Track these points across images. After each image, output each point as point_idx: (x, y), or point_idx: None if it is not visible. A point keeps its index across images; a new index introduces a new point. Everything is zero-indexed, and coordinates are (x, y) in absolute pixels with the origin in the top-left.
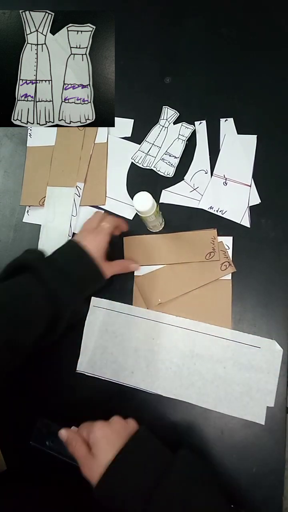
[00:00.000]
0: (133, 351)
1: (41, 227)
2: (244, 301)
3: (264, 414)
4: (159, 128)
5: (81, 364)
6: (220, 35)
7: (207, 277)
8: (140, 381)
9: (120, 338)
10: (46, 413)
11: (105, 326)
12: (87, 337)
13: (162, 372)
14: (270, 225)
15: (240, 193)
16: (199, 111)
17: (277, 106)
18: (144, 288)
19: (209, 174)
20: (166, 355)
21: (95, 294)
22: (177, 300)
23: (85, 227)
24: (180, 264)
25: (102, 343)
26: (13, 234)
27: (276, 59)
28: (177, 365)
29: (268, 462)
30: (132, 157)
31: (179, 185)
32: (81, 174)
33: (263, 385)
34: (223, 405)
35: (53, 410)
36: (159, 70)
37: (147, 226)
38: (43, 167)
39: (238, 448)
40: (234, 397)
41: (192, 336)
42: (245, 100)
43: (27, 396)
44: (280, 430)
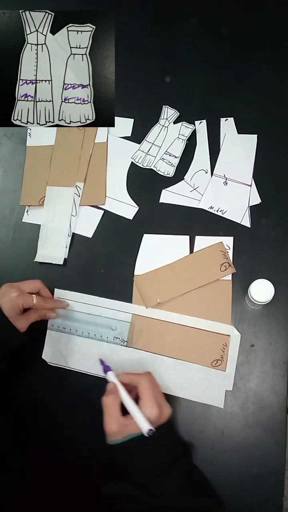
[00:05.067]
0: (97, 341)
1: (40, 227)
2: (244, 301)
3: (223, 398)
4: (159, 127)
5: (46, 354)
6: (220, 35)
7: (207, 277)
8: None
9: (84, 328)
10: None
11: (69, 316)
12: (51, 328)
13: (126, 359)
14: (271, 225)
15: (241, 193)
16: (199, 111)
17: (277, 106)
18: (143, 287)
19: (209, 174)
20: (129, 343)
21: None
22: (177, 300)
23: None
24: (180, 264)
25: (66, 334)
26: (12, 234)
27: (276, 59)
28: (139, 352)
29: (268, 462)
30: (132, 157)
31: (179, 185)
32: (80, 173)
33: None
34: (184, 390)
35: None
36: (159, 70)
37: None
38: (43, 166)
39: (239, 449)
40: (194, 382)
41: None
42: (245, 100)
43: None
44: (280, 431)
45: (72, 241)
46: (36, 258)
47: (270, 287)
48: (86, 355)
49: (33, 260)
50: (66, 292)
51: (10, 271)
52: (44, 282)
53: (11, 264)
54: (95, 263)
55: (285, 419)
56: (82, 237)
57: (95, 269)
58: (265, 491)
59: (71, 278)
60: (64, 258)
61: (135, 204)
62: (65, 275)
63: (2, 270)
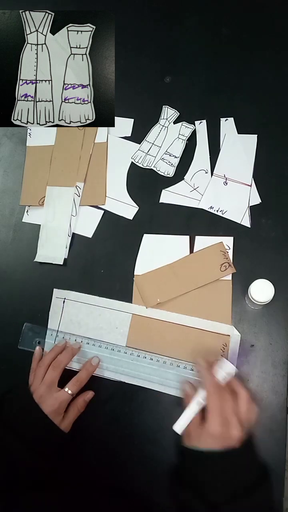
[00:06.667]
0: (97, 340)
1: (40, 227)
2: (244, 301)
3: None
4: (159, 127)
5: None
6: (220, 35)
7: (207, 277)
8: (104, 370)
9: (84, 328)
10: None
11: (69, 316)
12: (51, 328)
13: (125, 359)
14: (271, 225)
15: (241, 193)
16: (199, 111)
17: (277, 106)
18: (143, 287)
19: (209, 174)
20: (129, 343)
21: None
22: (177, 300)
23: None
24: (180, 264)
25: (66, 333)
26: (12, 234)
27: (276, 59)
28: (139, 352)
29: (268, 462)
30: (132, 157)
31: (179, 185)
32: (81, 173)
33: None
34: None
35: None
36: (159, 70)
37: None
38: (43, 167)
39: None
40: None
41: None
42: (245, 100)
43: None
44: (280, 431)
45: (72, 241)
46: (36, 258)
47: (270, 287)
48: (86, 355)
49: (33, 260)
50: (66, 292)
51: (10, 271)
52: (44, 282)
53: (11, 264)
54: (95, 263)
55: (285, 419)
56: (82, 237)
57: (95, 269)
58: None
59: (71, 278)
60: (64, 258)
61: (135, 204)
62: (65, 275)
63: (2, 270)
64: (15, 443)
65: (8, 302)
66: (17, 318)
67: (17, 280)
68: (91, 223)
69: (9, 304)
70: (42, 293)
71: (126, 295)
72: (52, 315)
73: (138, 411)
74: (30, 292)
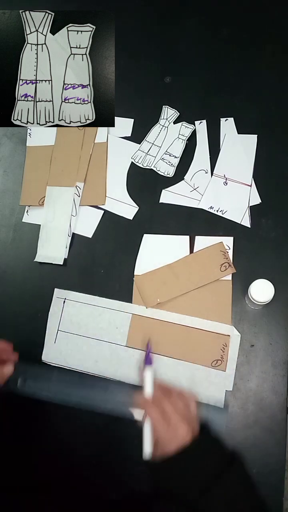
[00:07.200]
0: (97, 340)
1: (40, 227)
2: (244, 301)
3: (223, 398)
4: (159, 127)
5: (47, 355)
6: (220, 35)
7: (207, 277)
8: (104, 370)
9: (84, 328)
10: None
11: (69, 317)
12: (51, 328)
13: (125, 359)
14: (271, 225)
15: (241, 193)
16: (199, 111)
17: (277, 106)
18: (143, 287)
19: (209, 174)
20: (129, 343)
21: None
22: (177, 300)
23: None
24: (180, 264)
25: (66, 333)
26: (12, 234)
27: (276, 59)
28: (139, 352)
29: (268, 463)
30: (132, 157)
31: (179, 185)
32: (81, 174)
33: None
34: None
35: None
36: (159, 70)
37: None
38: (43, 167)
39: (239, 449)
40: (194, 382)
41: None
42: (245, 100)
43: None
44: (280, 431)
45: (72, 241)
46: (36, 258)
47: (270, 287)
48: (86, 355)
49: (33, 260)
50: (67, 292)
51: (10, 271)
52: (44, 282)
53: (11, 264)
54: (95, 263)
55: (285, 419)
56: (82, 237)
57: (95, 269)
58: (265, 491)
59: (71, 278)
60: (64, 258)
61: (135, 204)
62: (65, 275)
63: (2, 270)
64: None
65: (8, 302)
66: (17, 318)
67: (17, 280)
68: (91, 223)
69: (9, 304)
70: (42, 293)
71: (126, 295)
72: (52, 315)
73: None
74: (30, 292)
